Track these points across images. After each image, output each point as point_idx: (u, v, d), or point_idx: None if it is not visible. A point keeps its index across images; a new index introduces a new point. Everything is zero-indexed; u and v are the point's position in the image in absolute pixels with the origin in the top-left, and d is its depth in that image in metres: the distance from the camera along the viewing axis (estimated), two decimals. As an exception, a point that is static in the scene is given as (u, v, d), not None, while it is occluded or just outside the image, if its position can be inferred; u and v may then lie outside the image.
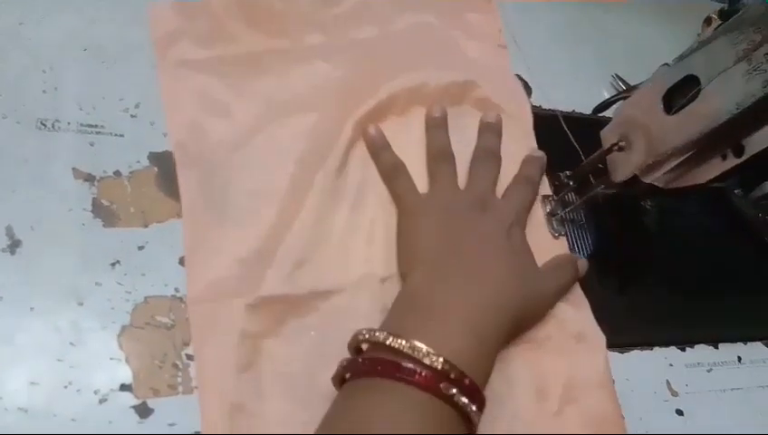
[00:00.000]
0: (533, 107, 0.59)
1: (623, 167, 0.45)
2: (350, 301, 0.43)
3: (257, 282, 0.41)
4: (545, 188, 0.53)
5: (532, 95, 0.60)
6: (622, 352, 0.51)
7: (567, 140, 0.53)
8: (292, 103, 0.49)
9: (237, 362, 0.39)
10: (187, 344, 0.39)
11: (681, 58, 0.42)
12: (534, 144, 0.54)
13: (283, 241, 0.43)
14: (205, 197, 0.44)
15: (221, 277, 0.41)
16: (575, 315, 0.47)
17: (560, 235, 0.52)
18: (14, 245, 0.38)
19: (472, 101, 0.53)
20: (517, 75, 0.60)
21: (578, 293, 0.49)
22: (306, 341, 0.41)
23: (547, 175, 0.54)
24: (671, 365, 0.52)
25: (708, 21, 0.74)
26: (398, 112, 0.51)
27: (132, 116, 0.45)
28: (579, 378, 0.45)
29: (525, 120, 0.55)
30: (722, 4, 0.46)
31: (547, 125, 0.56)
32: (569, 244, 0.52)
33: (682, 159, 0.41)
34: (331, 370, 0.38)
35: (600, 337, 0.47)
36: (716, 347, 0.55)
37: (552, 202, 0.53)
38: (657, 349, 0.53)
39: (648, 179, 0.44)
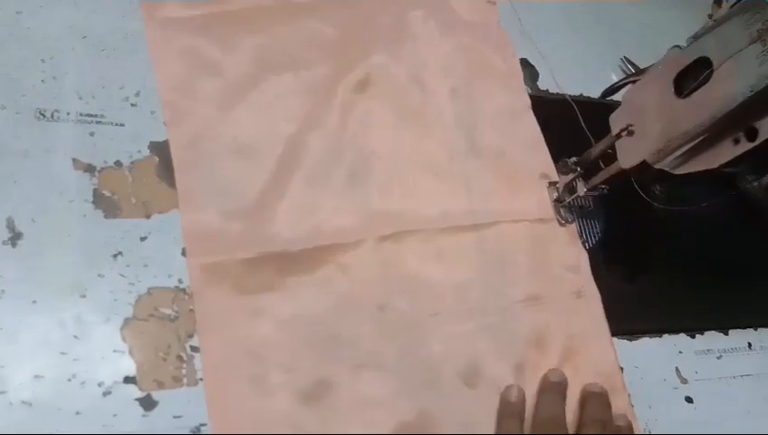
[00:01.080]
0: (540, 91, 0.58)
1: (632, 152, 0.44)
2: (348, 258, 0.44)
3: (255, 237, 0.42)
4: (552, 174, 0.53)
5: (539, 79, 0.59)
6: (631, 340, 0.50)
7: (574, 125, 0.52)
8: (282, 60, 0.49)
9: (236, 315, 0.40)
10: (191, 336, 0.39)
11: (693, 40, 0.41)
12: (527, 99, 0.56)
13: (283, 198, 0.44)
14: (196, 154, 0.44)
15: (216, 233, 0.42)
16: (575, 276, 0.49)
17: (567, 222, 0.51)
18: (16, 237, 0.38)
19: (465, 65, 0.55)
20: (523, 59, 0.59)
21: (578, 249, 0.51)
22: (308, 295, 0.42)
23: (554, 161, 0.53)
24: (681, 352, 0.52)
25: (718, 1, 0.73)
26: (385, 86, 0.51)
27: (133, 105, 0.45)
28: (577, 334, 0.47)
29: (516, 76, 0.57)
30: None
31: (554, 109, 0.56)
32: (578, 231, 0.52)
33: (693, 143, 0.40)
34: (337, 323, 0.41)
35: (596, 295, 0.49)
36: (726, 334, 0.54)
37: (559, 189, 0.52)
38: (666, 336, 0.52)
39: (658, 165, 0.43)
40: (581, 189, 0.50)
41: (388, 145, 0.49)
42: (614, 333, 0.49)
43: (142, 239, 0.41)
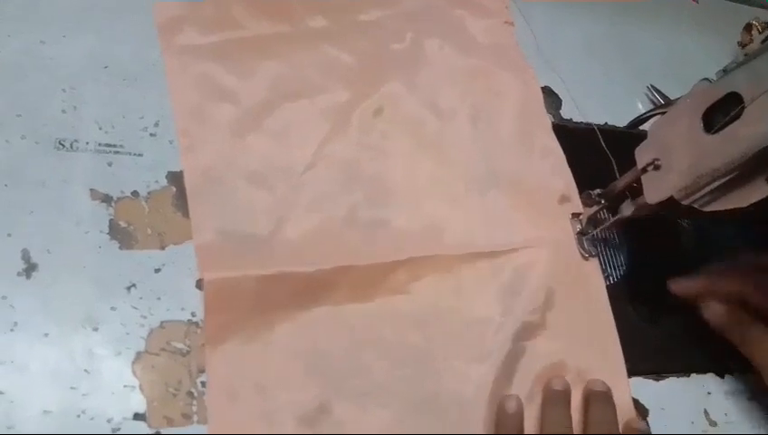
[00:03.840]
0: (563, 120, 0.57)
1: (658, 187, 0.43)
2: (361, 287, 0.43)
3: (268, 264, 0.41)
4: (574, 197, 0.52)
5: (563, 107, 0.58)
6: (657, 380, 0.49)
7: (598, 155, 0.51)
8: (298, 87, 0.49)
9: (244, 338, 0.39)
10: (202, 371, 0.38)
11: (723, 74, 0.40)
12: (547, 122, 0.55)
13: (297, 227, 0.44)
14: (210, 181, 0.44)
15: (228, 257, 0.41)
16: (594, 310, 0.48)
17: (591, 256, 0.50)
18: (31, 268, 0.38)
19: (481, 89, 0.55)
20: (546, 87, 0.58)
21: (600, 283, 0.49)
22: (318, 324, 0.41)
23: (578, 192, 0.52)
24: (709, 393, 0.50)
25: (748, 28, 0.71)
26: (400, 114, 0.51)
27: (152, 135, 0.45)
28: (590, 370, 0.46)
29: (536, 99, 0.56)
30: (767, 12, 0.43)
31: (578, 139, 0.54)
32: (601, 265, 0.50)
33: (722, 181, 0.39)
34: (346, 352, 0.41)
35: (613, 330, 0.48)
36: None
37: (582, 221, 0.50)
38: (694, 376, 0.50)
39: (685, 202, 0.41)
40: (605, 223, 0.49)
41: (405, 171, 0.49)
42: (639, 373, 0.47)
43: (156, 271, 0.40)
